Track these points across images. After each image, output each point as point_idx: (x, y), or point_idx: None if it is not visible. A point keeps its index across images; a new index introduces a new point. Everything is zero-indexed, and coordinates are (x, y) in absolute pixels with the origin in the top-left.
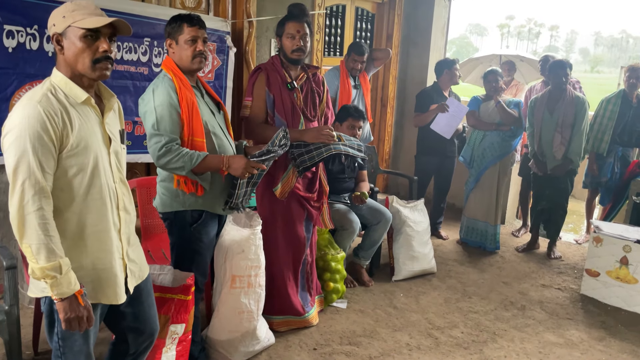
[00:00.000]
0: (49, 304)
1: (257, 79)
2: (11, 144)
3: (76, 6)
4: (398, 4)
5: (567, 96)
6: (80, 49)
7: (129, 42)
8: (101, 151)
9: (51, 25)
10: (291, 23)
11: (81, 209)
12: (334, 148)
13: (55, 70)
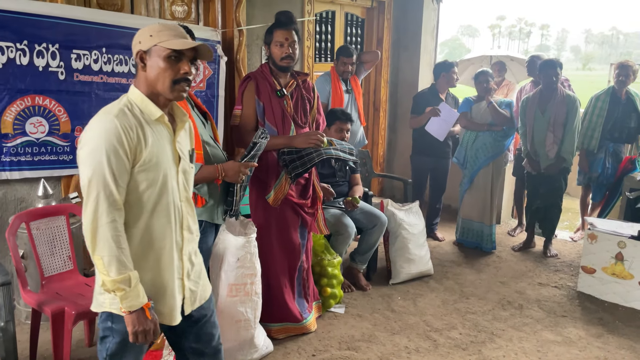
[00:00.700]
0: (105, 319)
1: (247, 88)
2: (87, 156)
3: (163, 27)
4: (387, 8)
5: (558, 95)
6: (162, 69)
7: (120, 54)
8: (170, 169)
9: (137, 43)
10: (279, 31)
11: (146, 225)
12: (325, 153)
13: (132, 87)
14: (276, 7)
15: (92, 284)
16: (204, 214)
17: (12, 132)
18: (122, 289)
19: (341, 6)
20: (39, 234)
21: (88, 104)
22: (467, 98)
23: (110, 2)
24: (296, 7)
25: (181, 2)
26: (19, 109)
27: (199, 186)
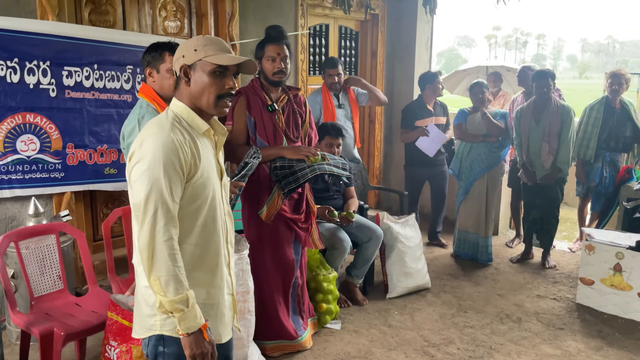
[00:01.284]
0: (155, 343)
1: (237, 103)
2: (143, 173)
3: (208, 41)
4: (381, 21)
5: (552, 105)
6: (208, 84)
7: (112, 70)
8: (216, 183)
9: (180, 57)
10: (271, 46)
11: (197, 241)
12: (319, 168)
13: (175, 100)
14: (269, 21)
15: (82, 303)
16: None
17: (2, 150)
18: (180, 310)
19: (335, 19)
20: (28, 253)
21: (80, 120)
22: (462, 109)
23: (102, 19)
24: (290, 20)
25: (174, 17)
26: (10, 126)
27: None
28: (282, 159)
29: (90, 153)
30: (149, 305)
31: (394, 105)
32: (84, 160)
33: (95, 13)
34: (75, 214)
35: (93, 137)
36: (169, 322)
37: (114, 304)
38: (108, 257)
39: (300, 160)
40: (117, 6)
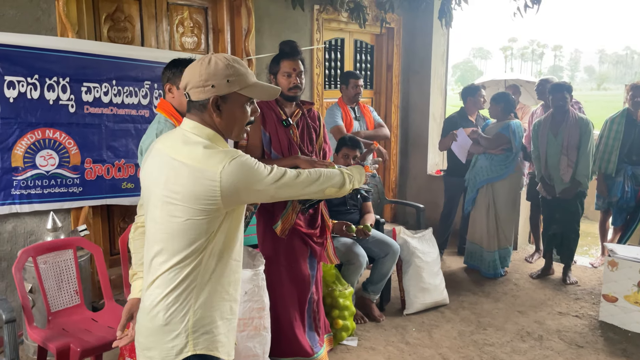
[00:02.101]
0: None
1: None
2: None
3: (236, 70)
4: (396, 34)
5: (570, 118)
6: (241, 116)
7: (130, 86)
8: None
9: (208, 86)
10: (286, 61)
11: (236, 255)
12: None
13: (198, 125)
14: (285, 36)
15: (99, 319)
16: None
17: (22, 165)
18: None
19: (350, 33)
20: (46, 268)
21: (98, 136)
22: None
23: (121, 35)
24: (305, 35)
25: (191, 33)
26: (30, 142)
27: None
28: None
29: (108, 168)
30: (173, 322)
31: (409, 118)
32: (102, 174)
33: (114, 30)
34: (93, 228)
35: (111, 152)
36: (203, 340)
37: None
38: (124, 272)
39: None
40: (136, 23)
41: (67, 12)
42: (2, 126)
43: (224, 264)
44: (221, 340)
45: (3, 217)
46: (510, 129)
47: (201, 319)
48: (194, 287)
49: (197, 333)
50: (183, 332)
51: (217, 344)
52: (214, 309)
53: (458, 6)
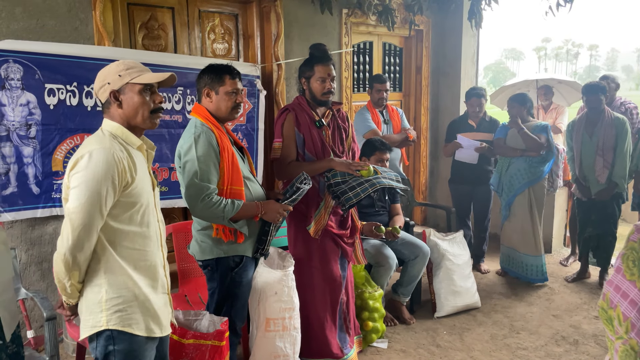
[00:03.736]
0: (103, 345)
1: (286, 120)
2: (84, 183)
3: (127, 65)
4: (425, 36)
5: (605, 118)
6: (140, 102)
7: (163, 92)
8: (150, 193)
9: (104, 84)
10: (321, 66)
11: (133, 244)
12: (378, 182)
13: (107, 121)
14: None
15: None
16: (245, 249)
17: (62, 170)
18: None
19: (379, 36)
20: None
21: None
22: (503, 124)
23: (155, 43)
24: (334, 39)
25: (222, 39)
26: (69, 147)
27: (240, 223)
28: (335, 176)
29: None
30: (94, 302)
31: (439, 121)
32: None
33: (148, 38)
34: None
35: None
36: (116, 317)
37: None
38: None
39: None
40: (169, 30)
41: (104, 22)
42: (43, 132)
43: (120, 253)
44: (135, 317)
45: (45, 220)
46: (548, 129)
47: (113, 298)
48: (104, 270)
49: (112, 310)
50: (101, 310)
51: (130, 321)
52: (127, 290)
53: (488, 6)
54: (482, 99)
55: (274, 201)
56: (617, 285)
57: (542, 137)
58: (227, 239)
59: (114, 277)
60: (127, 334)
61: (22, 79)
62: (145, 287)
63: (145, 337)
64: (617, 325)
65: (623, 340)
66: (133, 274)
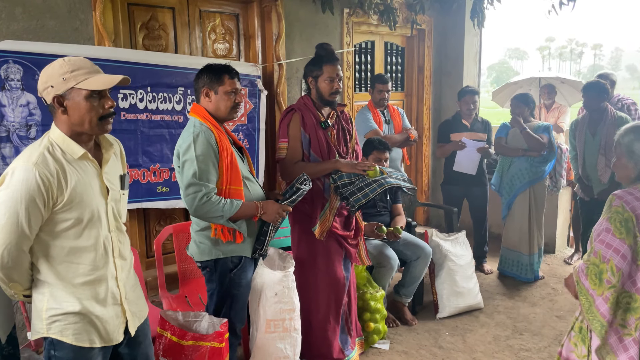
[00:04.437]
0: (47, 349)
1: (292, 120)
2: (3, 202)
3: (73, 66)
4: (427, 36)
5: (608, 117)
6: (87, 109)
7: (164, 92)
8: (98, 203)
9: (47, 87)
10: (330, 66)
11: (73, 259)
12: (386, 182)
13: (54, 126)
14: (315, 40)
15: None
16: (244, 249)
17: None
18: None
19: (380, 36)
20: None
21: (134, 141)
22: (504, 123)
23: (156, 43)
24: (335, 39)
25: (223, 39)
26: None
27: (238, 222)
28: (342, 177)
29: (144, 172)
30: (38, 309)
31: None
32: (138, 179)
33: (149, 38)
34: (129, 231)
35: (146, 156)
36: (55, 326)
37: (164, 320)
38: (159, 274)
39: (359, 175)
40: (169, 31)
41: (104, 22)
42: (43, 133)
43: (59, 271)
44: (75, 328)
45: None
46: (550, 129)
47: (52, 308)
48: (44, 283)
49: (51, 320)
50: (42, 318)
51: (68, 331)
52: (67, 303)
53: (491, 5)
54: (475, 95)
55: (273, 201)
56: (608, 243)
57: (544, 137)
58: (225, 239)
59: (54, 289)
60: (66, 342)
61: (22, 80)
62: (88, 301)
63: (89, 347)
64: (609, 276)
65: (615, 288)
66: (74, 289)
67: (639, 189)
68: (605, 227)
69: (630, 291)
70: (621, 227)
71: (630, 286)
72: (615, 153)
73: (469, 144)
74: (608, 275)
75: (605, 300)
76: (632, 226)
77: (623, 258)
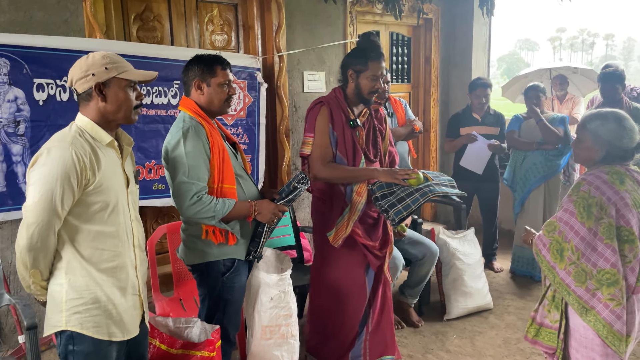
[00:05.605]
0: (64, 344)
1: (319, 115)
2: (40, 179)
3: (113, 59)
4: (435, 25)
5: (623, 108)
6: (124, 98)
7: (159, 86)
8: (122, 191)
9: (88, 74)
10: (375, 63)
11: (98, 245)
12: (430, 191)
13: (80, 115)
14: (317, 31)
15: None
16: (237, 252)
17: None
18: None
19: (386, 26)
20: None
21: None
22: (516, 115)
23: (150, 35)
24: (338, 29)
25: (221, 30)
26: None
27: (231, 223)
28: (381, 187)
29: (139, 169)
30: (55, 302)
31: (449, 113)
32: None
33: (143, 29)
34: None
35: (141, 153)
36: (75, 318)
37: (152, 327)
38: (152, 275)
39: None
40: (165, 22)
41: (95, 13)
42: (33, 129)
43: (84, 255)
44: (95, 320)
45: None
46: (566, 121)
47: (73, 299)
48: (65, 270)
49: (71, 311)
50: (61, 310)
51: (89, 324)
52: (88, 292)
53: None
54: (487, 89)
55: (268, 201)
56: (571, 225)
57: (560, 129)
58: (217, 241)
59: (75, 277)
60: (87, 335)
61: (9, 74)
62: (110, 289)
63: (108, 340)
64: (570, 254)
65: (575, 264)
66: (97, 276)
67: (605, 171)
68: (570, 210)
69: (597, 264)
70: (584, 211)
71: (597, 258)
72: (579, 136)
73: (480, 139)
74: (569, 253)
75: (569, 273)
76: (597, 210)
77: (582, 240)
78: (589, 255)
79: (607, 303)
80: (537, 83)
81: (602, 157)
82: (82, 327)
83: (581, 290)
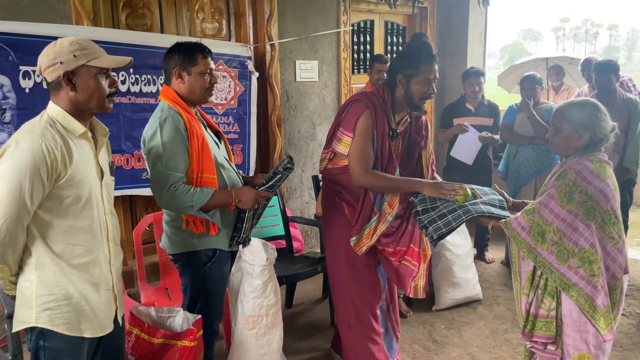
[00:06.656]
0: (35, 340)
1: (363, 116)
2: (7, 173)
3: (82, 45)
4: (430, 14)
5: (617, 99)
6: (96, 87)
7: (148, 74)
8: (95, 183)
9: (55, 62)
10: (428, 67)
11: (70, 240)
12: (474, 209)
13: (52, 104)
14: (310, 20)
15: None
16: (219, 242)
17: None
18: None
19: (380, 14)
20: None
21: (116, 125)
22: (511, 106)
23: (140, 22)
24: (331, 18)
25: (212, 18)
26: None
27: (211, 213)
28: (423, 201)
29: (128, 158)
30: (25, 298)
31: (445, 103)
32: (121, 165)
33: (132, 17)
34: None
35: (130, 141)
36: (45, 315)
37: (134, 316)
38: (139, 265)
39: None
40: (154, 9)
41: (82, 0)
42: (19, 117)
43: (56, 250)
44: (66, 317)
45: None
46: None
47: (43, 295)
48: (35, 266)
49: (41, 307)
50: (30, 306)
51: (59, 320)
52: (59, 288)
53: None
54: (480, 77)
55: (249, 187)
56: (551, 209)
57: None
58: (198, 231)
59: (46, 273)
60: (57, 332)
61: None
62: (82, 285)
63: (80, 337)
64: (552, 235)
65: (557, 244)
66: (69, 271)
67: (590, 160)
68: (551, 194)
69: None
70: (564, 197)
71: (578, 237)
72: (557, 126)
73: (471, 130)
74: (551, 234)
75: (551, 252)
76: (581, 196)
77: (562, 221)
78: (570, 234)
79: (589, 279)
80: (533, 73)
81: (585, 143)
82: (53, 323)
83: (564, 268)
